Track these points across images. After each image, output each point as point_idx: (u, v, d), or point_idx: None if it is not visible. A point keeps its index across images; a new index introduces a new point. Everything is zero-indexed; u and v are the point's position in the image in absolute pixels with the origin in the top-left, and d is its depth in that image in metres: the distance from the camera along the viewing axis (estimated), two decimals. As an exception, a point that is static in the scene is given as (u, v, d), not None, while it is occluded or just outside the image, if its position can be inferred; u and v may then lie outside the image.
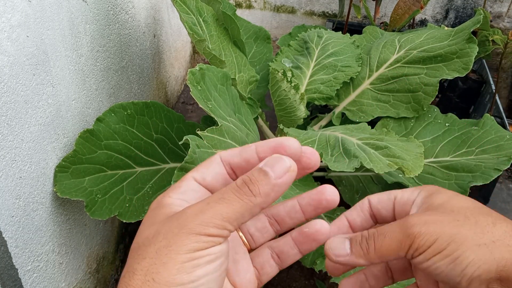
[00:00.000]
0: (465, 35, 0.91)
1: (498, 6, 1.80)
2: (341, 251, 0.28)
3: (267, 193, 0.25)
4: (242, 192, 0.24)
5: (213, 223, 0.23)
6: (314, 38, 1.07)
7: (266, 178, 0.25)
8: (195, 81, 0.64)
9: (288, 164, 0.25)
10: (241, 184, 0.25)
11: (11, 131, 0.62)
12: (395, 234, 0.26)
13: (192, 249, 0.23)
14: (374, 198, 0.31)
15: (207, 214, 0.24)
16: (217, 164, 0.27)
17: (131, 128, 0.81)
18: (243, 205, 0.24)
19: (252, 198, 0.24)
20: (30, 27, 0.64)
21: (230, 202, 0.24)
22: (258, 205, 0.25)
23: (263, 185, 0.25)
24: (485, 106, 1.46)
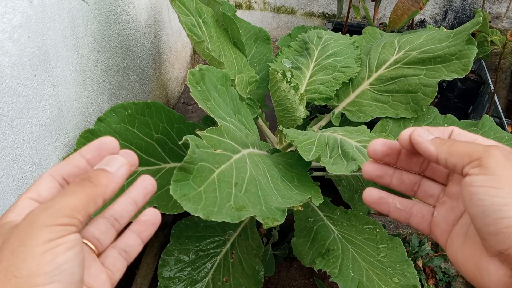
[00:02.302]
0: (465, 36, 0.91)
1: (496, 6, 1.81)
2: (423, 134, 0.31)
3: (106, 184, 0.28)
4: (84, 184, 0.27)
5: (62, 213, 0.25)
6: (313, 39, 1.08)
7: (103, 172, 0.28)
8: (195, 81, 0.64)
9: (121, 160, 0.29)
10: (81, 179, 0.28)
11: (12, 131, 0.62)
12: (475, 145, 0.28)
13: (47, 240, 0.24)
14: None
15: (55, 207, 0.25)
16: (46, 179, 0.29)
17: (132, 128, 0.81)
18: (86, 195, 0.27)
19: (94, 188, 0.27)
20: (32, 27, 0.65)
21: (74, 193, 0.26)
22: (100, 195, 0.27)
23: (102, 177, 0.28)
24: (484, 106, 1.47)
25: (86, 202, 0.26)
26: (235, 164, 0.58)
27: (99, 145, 0.30)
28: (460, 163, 0.28)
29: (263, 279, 0.89)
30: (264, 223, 0.51)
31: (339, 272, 0.79)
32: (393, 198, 0.34)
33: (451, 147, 0.29)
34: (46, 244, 0.24)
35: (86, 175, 0.28)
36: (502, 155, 0.27)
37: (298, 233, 0.90)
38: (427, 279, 1.16)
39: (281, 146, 0.99)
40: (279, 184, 0.66)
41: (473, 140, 0.31)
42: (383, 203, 0.34)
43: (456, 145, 0.29)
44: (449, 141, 0.30)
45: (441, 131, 0.32)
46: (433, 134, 0.31)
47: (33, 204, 0.28)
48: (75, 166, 0.30)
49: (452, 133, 0.32)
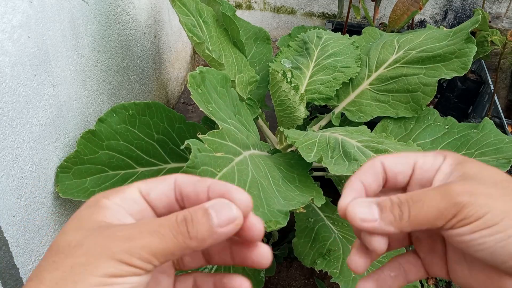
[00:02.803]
0: (464, 35, 0.91)
1: (497, 6, 1.81)
2: (368, 216, 0.25)
3: (204, 239, 0.23)
4: (179, 230, 0.23)
5: (139, 254, 0.22)
6: (313, 39, 1.07)
7: (207, 222, 0.23)
8: (195, 84, 0.64)
9: (235, 215, 0.24)
10: (180, 221, 0.23)
11: (12, 131, 0.62)
12: (436, 201, 0.24)
13: (107, 274, 0.21)
14: (388, 160, 0.28)
15: (136, 244, 0.22)
16: (168, 185, 0.26)
17: (132, 129, 0.81)
18: (176, 244, 0.23)
19: (188, 240, 0.23)
20: (31, 27, 0.64)
21: (163, 238, 0.23)
22: (191, 248, 0.23)
23: (202, 230, 0.23)
24: (484, 106, 1.47)
25: (171, 252, 0.23)
26: (237, 167, 0.58)
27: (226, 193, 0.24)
28: (433, 227, 0.24)
29: (263, 279, 0.89)
30: (267, 226, 0.50)
31: (340, 273, 0.79)
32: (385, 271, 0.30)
33: (413, 220, 0.24)
34: (103, 278, 0.21)
35: (189, 216, 0.23)
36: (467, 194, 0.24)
37: (299, 234, 0.90)
38: (427, 280, 1.16)
39: (282, 146, 0.99)
40: (280, 185, 0.66)
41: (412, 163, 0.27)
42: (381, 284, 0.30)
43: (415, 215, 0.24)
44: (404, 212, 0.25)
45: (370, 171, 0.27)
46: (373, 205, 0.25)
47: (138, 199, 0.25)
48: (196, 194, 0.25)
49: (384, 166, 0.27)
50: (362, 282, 0.29)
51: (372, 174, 0.27)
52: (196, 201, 0.25)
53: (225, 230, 0.23)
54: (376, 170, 0.28)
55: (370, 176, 0.27)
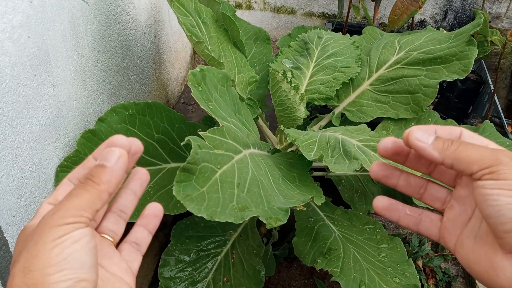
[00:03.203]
0: (465, 37, 0.91)
1: (496, 6, 1.81)
2: (422, 137, 0.30)
3: (109, 179, 0.30)
4: (86, 184, 0.29)
5: (69, 213, 0.28)
6: (314, 39, 1.07)
7: (103, 168, 0.30)
8: (196, 82, 0.64)
9: (118, 152, 0.31)
10: (84, 179, 0.30)
11: (12, 131, 0.62)
12: (483, 150, 0.28)
13: (56, 237, 0.27)
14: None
15: (63, 209, 0.28)
16: (65, 184, 0.32)
17: (132, 128, 0.81)
18: (91, 194, 0.29)
19: (97, 186, 0.29)
20: (31, 27, 0.64)
21: (78, 195, 0.29)
22: (104, 191, 0.29)
23: (104, 174, 0.30)
24: (484, 106, 1.47)
25: (91, 201, 0.29)
26: (237, 165, 0.58)
27: (108, 145, 0.32)
28: (468, 169, 0.28)
29: (264, 279, 0.89)
30: (267, 223, 0.50)
31: (341, 272, 0.79)
32: (402, 205, 0.35)
33: (457, 153, 0.28)
34: (54, 241, 0.27)
35: (88, 174, 0.30)
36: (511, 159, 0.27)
37: (299, 233, 0.90)
38: (427, 279, 1.16)
39: (282, 146, 0.99)
40: (280, 184, 0.66)
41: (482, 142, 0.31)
42: (393, 209, 0.35)
43: (461, 150, 0.28)
44: (453, 145, 0.29)
45: (448, 131, 0.31)
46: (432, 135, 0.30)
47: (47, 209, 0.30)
48: (88, 168, 0.32)
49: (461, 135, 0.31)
50: (379, 197, 0.35)
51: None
52: None
53: (119, 165, 0.30)
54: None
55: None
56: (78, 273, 0.27)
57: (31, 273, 0.26)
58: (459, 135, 0.31)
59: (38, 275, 0.26)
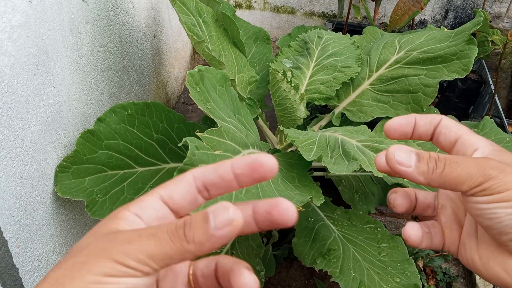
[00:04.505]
0: (465, 36, 0.91)
1: (497, 6, 1.81)
2: (404, 160, 0.27)
3: (202, 243, 0.23)
4: (176, 234, 0.23)
5: (135, 256, 0.23)
6: (314, 39, 1.07)
7: (204, 226, 0.23)
8: (194, 82, 0.64)
9: (231, 217, 0.23)
10: (180, 225, 0.23)
11: (12, 131, 0.62)
12: (469, 167, 0.26)
13: (103, 273, 0.22)
14: (445, 122, 0.31)
15: (133, 246, 0.23)
16: (187, 182, 0.26)
17: (131, 128, 0.81)
18: (173, 248, 0.23)
19: (185, 244, 0.23)
20: (31, 27, 0.64)
21: (160, 241, 0.23)
22: (189, 252, 0.23)
23: (200, 233, 0.23)
24: (485, 106, 1.47)
25: (169, 256, 0.23)
26: (235, 165, 0.58)
27: (253, 162, 0.25)
28: (458, 188, 0.27)
29: (263, 280, 0.89)
30: (265, 224, 0.50)
31: (340, 272, 0.79)
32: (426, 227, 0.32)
33: (443, 176, 0.27)
34: (98, 277, 0.22)
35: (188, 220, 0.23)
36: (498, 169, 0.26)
37: (299, 233, 0.90)
38: (427, 280, 1.16)
39: (281, 146, 0.99)
40: (279, 184, 0.66)
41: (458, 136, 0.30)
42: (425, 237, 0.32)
43: (447, 172, 0.27)
44: (438, 168, 0.27)
45: (428, 120, 0.31)
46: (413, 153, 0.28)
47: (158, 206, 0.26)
48: (221, 177, 0.25)
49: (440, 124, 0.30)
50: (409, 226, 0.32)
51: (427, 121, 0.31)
52: (222, 184, 0.25)
53: (222, 233, 0.23)
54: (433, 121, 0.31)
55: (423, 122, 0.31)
56: None
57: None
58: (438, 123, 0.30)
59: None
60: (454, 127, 0.30)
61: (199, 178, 0.26)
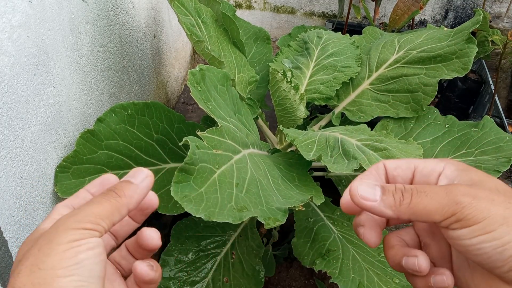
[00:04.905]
0: (465, 35, 0.91)
1: (497, 6, 1.81)
2: (369, 195, 0.26)
3: (131, 195, 0.30)
4: (109, 195, 0.29)
5: (87, 219, 0.27)
6: (314, 39, 1.07)
7: (128, 184, 0.30)
8: (195, 81, 0.64)
9: (146, 172, 0.31)
10: (107, 190, 0.29)
11: (12, 131, 0.62)
12: (439, 196, 0.25)
13: (71, 240, 0.26)
14: (390, 164, 0.29)
15: (81, 214, 0.27)
16: (83, 192, 0.32)
17: (131, 128, 0.81)
18: (111, 205, 0.28)
19: (118, 198, 0.29)
20: (31, 27, 0.64)
21: (100, 203, 0.28)
22: (124, 205, 0.29)
23: (127, 189, 0.30)
24: (485, 106, 1.47)
25: (110, 211, 0.28)
26: (235, 165, 0.58)
27: (101, 181, 0.32)
28: (430, 219, 0.25)
29: (263, 280, 0.89)
30: (266, 224, 0.50)
31: (340, 273, 0.79)
32: None
33: (412, 207, 0.25)
34: (69, 243, 0.26)
35: (112, 186, 0.30)
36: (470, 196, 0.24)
37: (299, 234, 0.90)
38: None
39: (281, 146, 0.99)
40: (280, 184, 0.66)
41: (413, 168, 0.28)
42: None
43: (416, 203, 0.25)
44: (405, 199, 0.25)
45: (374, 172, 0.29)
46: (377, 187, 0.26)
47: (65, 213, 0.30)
48: (83, 199, 0.32)
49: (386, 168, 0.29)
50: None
51: (375, 174, 0.29)
52: None
53: (144, 184, 0.30)
54: (378, 171, 0.29)
55: (373, 177, 0.29)
56: (86, 281, 0.26)
57: (39, 272, 0.25)
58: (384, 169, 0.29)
59: (47, 274, 0.25)
60: (403, 163, 0.29)
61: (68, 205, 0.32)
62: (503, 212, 0.23)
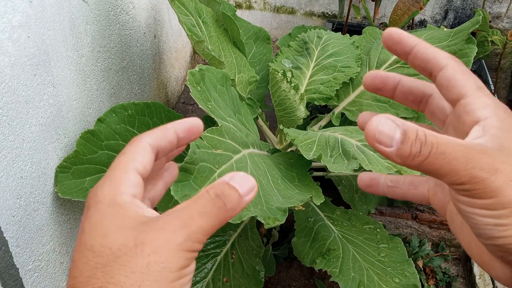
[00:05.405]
0: (464, 35, 0.91)
1: (497, 6, 1.81)
2: (386, 139, 0.23)
3: (235, 209, 0.25)
4: (219, 206, 0.24)
5: (197, 238, 0.23)
6: (313, 39, 1.07)
7: (235, 194, 0.25)
8: (195, 81, 0.64)
9: (253, 183, 0.25)
10: (216, 196, 0.24)
11: (12, 131, 0.62)
12: (456, 162, 0.22)
13: (181, 266, 0.22)
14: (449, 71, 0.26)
15: (193, 228, 0.23)
16: (149, 151, 0.27)
17: (131, 129, 0.81)
18: (218, 219, 0.24)
19: (226, 213, 0.24)
20: (31, 27, 0.65)
21: (210, 216, 0.24)
22: (227, 220, 0.25)
23: (234, 201, 0.24)
24: (484, 106, 1.47)
25: (215, 228, 0.24)
26: (235, 164, 0.58)
27: (190, 127, 0.29)
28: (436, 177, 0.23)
29: (263, 279, 0.89)
30: (265, 223, 0.50)
31: (340, 272, 0.79)
32: (384, 178, 0.31)
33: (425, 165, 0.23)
34: (178, 272, 0.22)
35: (220, 190, 0.25)
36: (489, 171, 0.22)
37: (299, 233, 0.90)
38: (427, 279, 1.16)
39: (281, 146, 0.99)
40: (279, 184, 0.66)
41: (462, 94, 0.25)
42: (375, 184, 0.31)
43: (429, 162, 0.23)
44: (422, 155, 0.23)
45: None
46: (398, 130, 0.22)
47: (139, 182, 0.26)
48: (170, 143, 0.28)
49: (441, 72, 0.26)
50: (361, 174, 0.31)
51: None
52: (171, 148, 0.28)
53: (249, 198, 0.25)
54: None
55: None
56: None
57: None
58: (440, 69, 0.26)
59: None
60: (458, 80, 0.25)
61: (154, 146, 0.28)
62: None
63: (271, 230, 1.07)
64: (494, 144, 0.23)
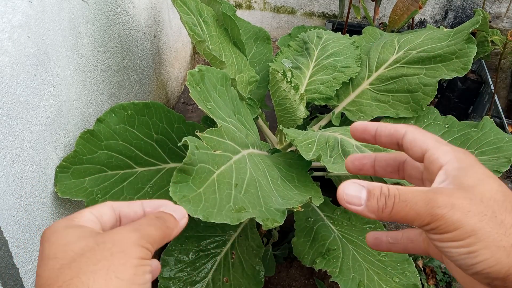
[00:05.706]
0: (464, 35, 0.91)
1: (497, 6, 1.81)
2: (355, 200, 0.27)
3: (173, 228, 0.30)
4: (161, 222, 0.29)
5: (148, 239, 0.27)
6: (313, 39, 1.07)
7: (172, 218, 0.31)
8: (194, 82, 0.64)
9: (184, 212, 0.32)
10: (158, 217, 0.30)
11: (12, 131, 0.62)
12: (418, 206, 0.26)
13: (140, 256, 0.26)
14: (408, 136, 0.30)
15: (144, 232, 0.28)
16: (109, 208, 0.31)
17: (131, 129, 0.81)
18: (163, 233, 0.29)
19: (167, 230, 0.30)
20: (31, 27, 0.65)
21: (156, 227, 0.29)
22: (169, 236, 0.30)
23: (171, 223, 0.30)
24: (484, 106, 1.47)
25: (161, 239, 0.29)
26: (235, 165, 0.58)
27: (160, 205, 0.32)
28: (409, 223, 0.27)
29: (263, 279, 0.89)
30: (264, 225, 0.50)
31: (340, 272, 0.79)
32: (386, 235, 0.35)
33: (393, 215, 0.27)
34: (139, 260, 0.26)
35: (160, 215, 0.30)
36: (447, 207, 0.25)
37: (299, 233, 0.90)
38: (427, 279, 1.16)
39: (281, 146, 0.99)
40: (279, 184, 0.66)
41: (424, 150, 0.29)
42: (379, 243, 0.35)
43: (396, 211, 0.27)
44: (387, 207, 0.27)
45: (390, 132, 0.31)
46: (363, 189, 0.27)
47: (94, 220, 0.29)
48: (134, 212, 0.32)
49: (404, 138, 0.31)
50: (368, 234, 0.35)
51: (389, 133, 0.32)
52: (134, 217, 0.31)
53: (183, 223, 0.31)
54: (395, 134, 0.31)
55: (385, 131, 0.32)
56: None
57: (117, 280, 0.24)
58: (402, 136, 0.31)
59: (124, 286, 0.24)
60: (418, 140, 0.30)
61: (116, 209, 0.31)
62: (475, 224, 0.25)
63: (271, 230, 1.07)
64: (455, 184, 0.27)
